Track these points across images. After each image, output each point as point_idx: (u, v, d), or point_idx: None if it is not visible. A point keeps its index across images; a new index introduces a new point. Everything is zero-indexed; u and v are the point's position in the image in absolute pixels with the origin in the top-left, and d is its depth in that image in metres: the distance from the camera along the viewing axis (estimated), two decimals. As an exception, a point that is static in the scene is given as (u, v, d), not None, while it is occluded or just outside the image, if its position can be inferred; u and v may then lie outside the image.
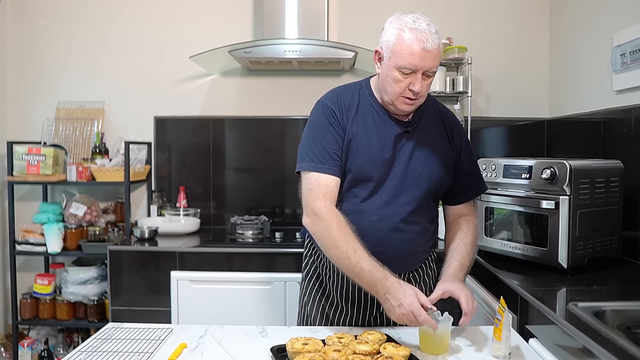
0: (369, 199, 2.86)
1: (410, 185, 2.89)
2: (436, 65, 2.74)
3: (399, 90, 2.75)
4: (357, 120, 2.89)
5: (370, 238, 2.76)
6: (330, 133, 2.85)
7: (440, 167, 2.95)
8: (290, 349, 2.39)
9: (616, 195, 3.58)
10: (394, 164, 2.87)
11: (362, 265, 2.62)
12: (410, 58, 2.66)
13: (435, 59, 2.70)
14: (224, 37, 5.40)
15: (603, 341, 2.16)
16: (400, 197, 2.86)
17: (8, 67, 5.82)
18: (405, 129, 2.91)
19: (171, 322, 4.53)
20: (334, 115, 2.88)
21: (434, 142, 2.97)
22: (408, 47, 2.67)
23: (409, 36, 2.67)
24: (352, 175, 2.86)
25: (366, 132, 2.87)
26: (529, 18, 5.62)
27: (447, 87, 5.27)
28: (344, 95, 2.97)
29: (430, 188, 2.93)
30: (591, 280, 3.26)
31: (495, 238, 3.95)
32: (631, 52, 3.88)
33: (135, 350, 2.55)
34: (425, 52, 2.66)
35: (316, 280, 3.13)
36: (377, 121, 2.90)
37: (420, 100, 2.81)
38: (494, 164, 3.88)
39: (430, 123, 3.00)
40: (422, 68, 2.68)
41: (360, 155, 2.84)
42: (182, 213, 5.48)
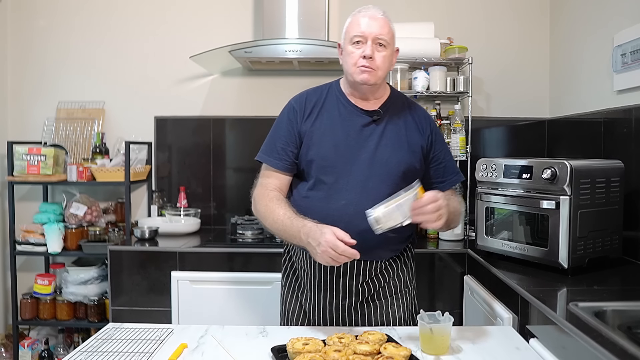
0: (336, 185, 2.94)
1: (378, 171, 2.96)
2: (385, 34, 2.93)
3: (354, 60, 2.94)
4: (322, 114, 3.06)
5: (338, 223, 2.73)
6: (283, 130, 3.07)
7: (409, 154, 3.04)
8: (290, 349, 2.40)
9: (617, 195, 3.59)
10: (361, 152, 2.98)
11: (286, 221, 2.82)
12: (357, 27, 2.94)
13: (382, 27, 2.92)
14: (225, 37, 5.39)
15: (604, 341, 2.16)
16: (368, 183, 2.93)
17: (8, 67, 5.83)
18: (372, 119, 3.03)
19: (171, 322, 4.52)
20: (294, 115, 3.07)
21: (401, 132, 3.07)
22: (355, 21, 2.99)
23: (356, 14, 3.02)
24: (317, 164, 2.99)
25: (331, 123, 3.03)
26: (530, 18, 5.62)
27: (448, 87, 5.26)
28: (312, 95, 3.16)
29: (398, 174, 2.99)
30: (592, 281, 3.26)
31: (495, 238, 3.96)
32: (632, 52, 3.89)
33: (136, 351, 2.55)
34: (371, 20, 2.93)
35: (293, 275, 3.24)
36: (342, 112, 3.05)
37: (378, 73, 2.94)
38: (495, 164, 3.89)
39: (398, 114, 3.11)
40: (370, 35, 2.90)
41: (324, 144, 2.99)
42: (182, 213, 5.47)
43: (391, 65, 3.06)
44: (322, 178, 2.98)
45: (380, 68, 2.94)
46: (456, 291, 4.53)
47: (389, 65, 3.02)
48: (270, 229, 2.95)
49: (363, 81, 2.93)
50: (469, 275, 4.38)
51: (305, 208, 2.96)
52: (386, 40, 2.92)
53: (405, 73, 5.25)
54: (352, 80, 2.98)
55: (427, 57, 5.15)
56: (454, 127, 5.15)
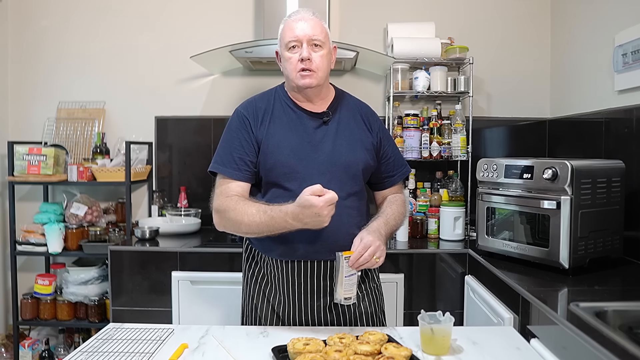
0: (299, 190, 2.81)
1: (338, 173, 3.01)
2: (319, 34, 2.97)
3: (294, 65, 2.97)
4: (273, 121, 3.06)
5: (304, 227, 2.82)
6: (238, 140, 3.04)
7: (364, 152, 3.11)
8: (291, 349, 2.40)
9: (618, 195, 3.59)
10: (318, 154, 3.01)
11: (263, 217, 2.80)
12: (290, 32, 2.96)
13: (313, 28, 2.96)
14: (225, 37, 5.38)
15: (605, 342, 2.16)
16: (330, 185, 2.82)
17: (9, 67, 5.83)
18: (322, 120, 3.07)
19: (172, 323, 4.52)
20: (247, 123, 3.06)
21: (353, 131, 3.13)
22: (288, 26, 3.00)
23: (287, 20, 3.03)
24: (277, 171, 2.99)
25: (283, 129, 3.04)
26: (531, 18, 5.62)
27: (449, 87, 5.26)
28: (259, 101, 3.15)
29: (357, 173, 3.08)
30: (593, 281, 3.26)
31: (496, 238, 3.96)
32: (633, 52, 3.89)
33: (137, 351, 2.55)
34: (303, 23, 2.95)
35: (262, 280, 3.18)
36: (292, 117, 3.08)
37: (318, 74, 2.97)
38: (496, 164, 3.89)
39: (347, 114, 3.17)
40: (304, 37, 2.94)
41: (282, 151, 2.98)
42: (183, 213, 5.47)
43: (330, 64, 3.11)
44: (284, 184, 3.00)
45: (320, 68, 2.98)
46: (457, 291, 4.53)
47: (328, 63, 3.07)
48: (248, 230, 2.91)
49: (305, 85, 2.98)
50: (470, 275, 4.38)
51: None
52: (321, 40, 2.97)
53: (406, 73, 5.26)
54: (295, 85, 3.02)
55: (428, 57, 5.16)
56: (455, 127, 5.16)
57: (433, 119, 5.26)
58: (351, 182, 3.05)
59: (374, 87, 5.72)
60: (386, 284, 4.34)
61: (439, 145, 5.13)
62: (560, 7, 5.36)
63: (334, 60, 3.16)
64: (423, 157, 5.18)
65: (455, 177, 5.32)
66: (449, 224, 4.93)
